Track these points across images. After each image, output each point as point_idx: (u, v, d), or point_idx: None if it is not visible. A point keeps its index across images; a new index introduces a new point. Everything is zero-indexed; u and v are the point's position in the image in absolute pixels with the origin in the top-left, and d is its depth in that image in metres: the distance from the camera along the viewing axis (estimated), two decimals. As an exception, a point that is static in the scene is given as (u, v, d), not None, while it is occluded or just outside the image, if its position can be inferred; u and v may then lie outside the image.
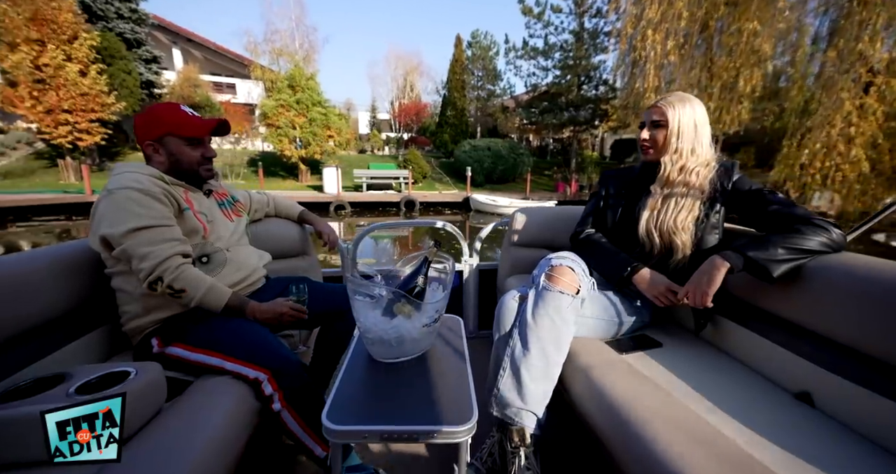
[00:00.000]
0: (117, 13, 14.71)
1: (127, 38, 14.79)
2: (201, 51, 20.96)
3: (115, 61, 13.04)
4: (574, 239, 1.33)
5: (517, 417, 0.98)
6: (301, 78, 13.36)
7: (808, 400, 0.86)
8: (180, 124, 1.05)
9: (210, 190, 1.18)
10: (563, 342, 1.00)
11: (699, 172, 1.10)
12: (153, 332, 1.00)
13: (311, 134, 13.52)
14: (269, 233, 1.47)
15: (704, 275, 0.94)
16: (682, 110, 1.10)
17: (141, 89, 14.29)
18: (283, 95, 13.11)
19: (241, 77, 20.58)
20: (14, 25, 10.40)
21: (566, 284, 1.00)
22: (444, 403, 0.77)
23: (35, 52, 10.60)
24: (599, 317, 1.12)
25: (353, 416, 0.73)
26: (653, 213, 1.14)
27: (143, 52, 15.55)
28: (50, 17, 10.74)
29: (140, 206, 0.94)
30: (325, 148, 14.06)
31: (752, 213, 1.06)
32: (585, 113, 17.21)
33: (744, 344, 1.04)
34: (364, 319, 0.88)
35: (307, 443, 0.92)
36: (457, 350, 0.98)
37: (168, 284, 0.93)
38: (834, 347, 0.83)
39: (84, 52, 11.36)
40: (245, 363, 0.91)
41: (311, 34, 20.39)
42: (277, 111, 13.10)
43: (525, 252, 1.77)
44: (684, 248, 1.10)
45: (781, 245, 0.90)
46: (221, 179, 1.29)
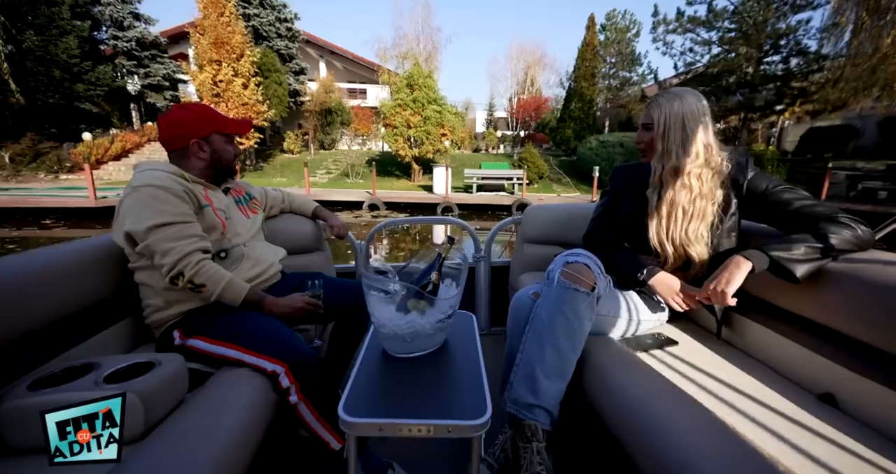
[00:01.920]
0: (277, 33, 17.04)
1: (282, 53, 17.02)
2: (341, 61, 23.22)
3: (270, 74, 15.01)
4: (587, 239, 1.30)
5: (530, 414, 0.96)
6: (419, 76, 13.28)
7: (832, 401, 0.84)
8: (224, 122, 1.13)
9: (228, 187, 1.22)
10: (578, 339, 0.99)
11: (701, 174, 1.05)
12: (175, 325, 1.03)
13: (424, 133, 13.36)
14: (284, 229, 1.49)
15: (725, 273, 0.91)
16: (670, 108, 1.05)
17: (288, 98, 16.27)
18: (401, 95, 13.19)
19: (372, 82, 22.12)
20: (202, 50, 12.66)
21: (582, 281, 0.97)
22: (458, 398, 0.77)
23: (214, 70, 12.73)
24: (615, 315, 1.11)
25: (369, 409, 0.73)
26: (661, 223, 1.10)
27: (293, 65, 17.73)
28: (226, 39, 12.76)
29: (162, 204, 0.97)
30: (438, 147, 13.76)
31: (772, 212, 1.02)
32: (766, 95, 13.03)
33: (764, 343, 1.03)
34: (379, 314, 0.89)
35: (323, 436, 0.93)
36: (470, 346, 0.98)
37: (189, 279, 0.97)
38: (859, 348, 0.81)
39: (247, 68, 13.24)
40: (263, 356, 0.93)
41: (434, 34, 20.73)
42: (394, 111, 13.27)
43: (537, 248, 1.77)
44: (701, 258, 1.06)
45: (806, 244, 0.88)
46: (354, 177, 0.89)
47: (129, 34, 15.90)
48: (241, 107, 13.16)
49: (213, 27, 12.54)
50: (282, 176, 15.03)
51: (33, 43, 12.81)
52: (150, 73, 16.40)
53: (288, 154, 17.47)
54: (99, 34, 15.98)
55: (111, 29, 15.88)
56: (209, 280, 0.98)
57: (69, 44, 13.54)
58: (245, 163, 15.32)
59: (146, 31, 16.44)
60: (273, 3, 17.12)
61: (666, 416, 0.75)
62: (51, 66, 13.26)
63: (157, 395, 0.74)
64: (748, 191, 1.03)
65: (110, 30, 15.87)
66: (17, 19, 12.24)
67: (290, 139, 17.43)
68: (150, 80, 16.52)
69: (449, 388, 0.81)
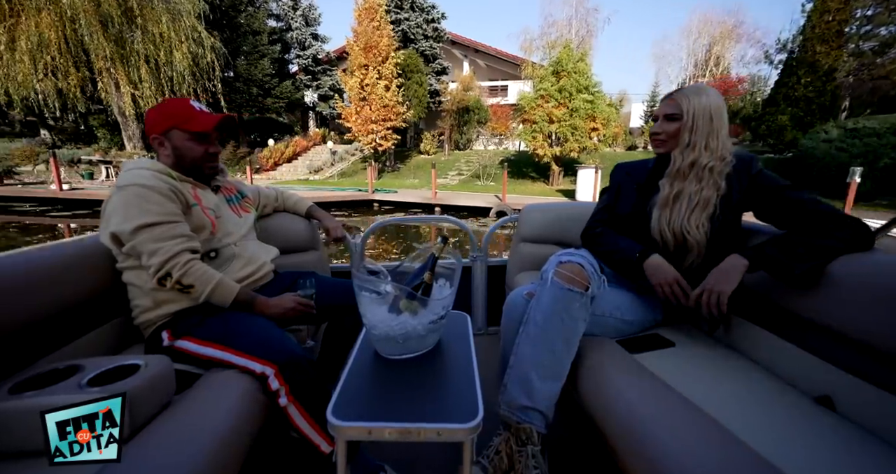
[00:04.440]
0: (423, 34, 17.21)
1: (426, 54, 17.10)
2: (484, 58, 22.59)
3: (412, 75, 15.09)
4: (585, 234, 1.27)
5: (525, 416, 0.94)
6: (568, 61, 11.11)
7: (829, 404, 0.82)
8: (187, 118, 1.06)
9: (218, 185, 1.20)
10: (573, 340, 0.98)
11: (713, 167, 1.04)
12: (163, 326, 1.02)
13: (569, 128, 11.14)
14: (277, 228, 1.47)
15: (722, 274, 0.92)
16: (698, 102, 1.05)
17: (428, 98, 16.22)
18: (545, 84, 11.25)
19: (514, 78, 20.79)
20: (354, 56, 13.36)
21: (576, 281, 0.96)
22: (449, 401, 0.76)
23: (362, 75, 13.30)
24: (610, 315, 1.09)
25: (358, 413, 0.72)
26: (665, 211, 1.09)
27: (436, 65, 17.67)
28: (374, 44, 13.17)
29: (148, 203, 0.95)
30: (586, 144, 11.34)
31: (774, 210, 1.01)
32: None
33: (760, 344, 1.01)
34: (371, 315, 0.87)
35: (313, 439, 0.91)
36: (464, 347, 0.97)
37: (177, 280, 0.95)
38: (858, 349, 0.79)
39: (390, 70, 13.43)
40: (252, 357, 0.91)
41: (590, 16, 18.02)
42: (535, 104, 11.43)
43: (534, 248, 1.76)
44: (699, 247, 1.05)
45: (806, 243, 0.88)
46: (485, 180, 0.79)
47: (308, 52, 18.37)
48: (382, 109, 13.43)
49: (365, 32, 13.06)
50: (415, 177, 14.99)
51: (241, 67, 15.78)
52: (321, 85, 18.66)
53: (424, 155, 17.55)
54: (287, 55, 18.95)
55: (295, 49, 18.64)
56: (197, 281, 0.97)
57: (264, 65, 16.28)
58: (385, 165, 15.89)
59: (321, 49, 18.78)
60: (423, 5, 17.35)
61: (661, 418, 0.74)
62: (251, 85, 16.17)
63: (142, 398, 0.72)
64: (753, 186, 1.03)
65: (294, 50, 18.64)
66: (234, 49, 15.22)
67: (426, 140, 17.47)
68: (320, 92, 18.81)
69: (440, 391, 0.80)
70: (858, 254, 0.84)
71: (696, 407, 0.76)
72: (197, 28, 12.13)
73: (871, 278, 0.77)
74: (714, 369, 0.95)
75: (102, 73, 11.51)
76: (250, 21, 15.90)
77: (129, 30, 11.35)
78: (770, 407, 0.80)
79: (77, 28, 10.44)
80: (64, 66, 10.82)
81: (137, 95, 12.00)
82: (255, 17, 16.15)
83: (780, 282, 0.89)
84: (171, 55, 11.81)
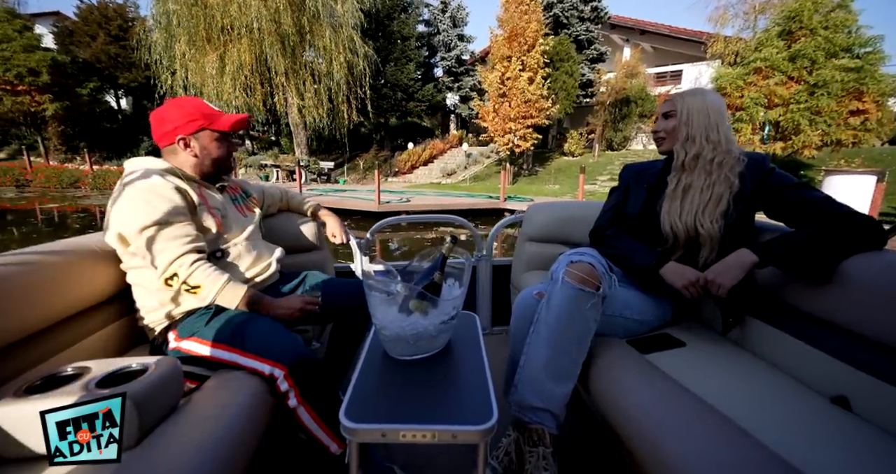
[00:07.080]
0: (579, 16, 14.84)
1: (580, 39, 14.70)
2: (651, 40, 18.65)
3: (562, 65, 13.00)
4: (594, 234, 1.28)
5: (536, 417, 0.95)
6: (811, 12, 7.41)
7: (845, 404, 0.81)
8: (213, 119, 1.07)
9: (223, 185, 1.19)
10: (584, 340, 0.98)
11: (722, 162, 1.05)
12: (169, 327, 1.01)
13: (806, 112, 7.43)
14: (282, 228, 1.47)
15: (726, 267, 0.92)
16: (693, 100, 1.09)
17: (579, 90, 13.85)
18: (767, 50, 7.76)
19: (693, 60, 16.46)
20: (497, 47, 12.09)
21: (587, 281, 0.95)
22: (463, 403, 0.76)
23: (503, 68, 11.92)
24: (619, 315, 1.09)
25: (372, 415, 0.72)
26: (674, 204, 1.09)
27: (591, 52, 15.07)
28: (520, 31, 11.64)
29: (154, 203, 0.95)
30: (838, 135, 7.42)
31: (787, 209, 1.00)
32: None
33: (773, 344, 0.99)
34: (381, 316, 0.88)
35: (323, 440, 0.92)
36: (474, 347, 0.97)
37: (184, 280, 0.95)
38: (874, 349, 0.78)
39: (536, 59, 11.68)
40: (260, 358, 0.91)
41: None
42: (744, 82, 8.05)
43: (540, 247, 1.75)
44: (712, 243, 1.04)
45: (819, 241, 0.87)
46: None
47: (452, 53, 18.09)
48: (523, 104, 11.80)
49: (511, 19, 11.65)
50: (555, 182, 12.91)
51: (389, 72, 16.39)
52: (461, 85, 18.18)
53: (567, 157, 15.21)
54: (432, 59, 19.10)
55: (441, 51, 18.60)
56: (205, 281, 0.96)
57: (410, 69, 16.57)
58: (521, 168, 14.26)
59: (465, 49, 18.30)
60: (580, -16, 14.98)
61: (675, 419, 0.74)
62: (396, 90, 16.66)
63: (151, 400, 0.72)
64: (765, 185, 1.03)
65: (439, 52, 18.62)
66: (385, 56, 15.90)
67: (572, 139, 15.07)
68: (461, 92, 18.35)
69: (453, 392, 0.80)
70: (872, 253, 0.84)
71: (711, 408, 0.76)
72: (353, 38, 12.77)
73: (885, 277, 0.78)
74: (727, 369, 0.95)
75: (279, 88, 13.14)
76: (401, 27, 16.34)
77: (301, 45, 12.62)
78: (786, 407, 0.80)
79: (263, 48, 12.04)
80: (253, 83, 12.67)
81: (301, 105, 13.33)
82: (406, 23, 16.54)
83: (794, 281, 0.90)
84: (331, 65, 12.71)
